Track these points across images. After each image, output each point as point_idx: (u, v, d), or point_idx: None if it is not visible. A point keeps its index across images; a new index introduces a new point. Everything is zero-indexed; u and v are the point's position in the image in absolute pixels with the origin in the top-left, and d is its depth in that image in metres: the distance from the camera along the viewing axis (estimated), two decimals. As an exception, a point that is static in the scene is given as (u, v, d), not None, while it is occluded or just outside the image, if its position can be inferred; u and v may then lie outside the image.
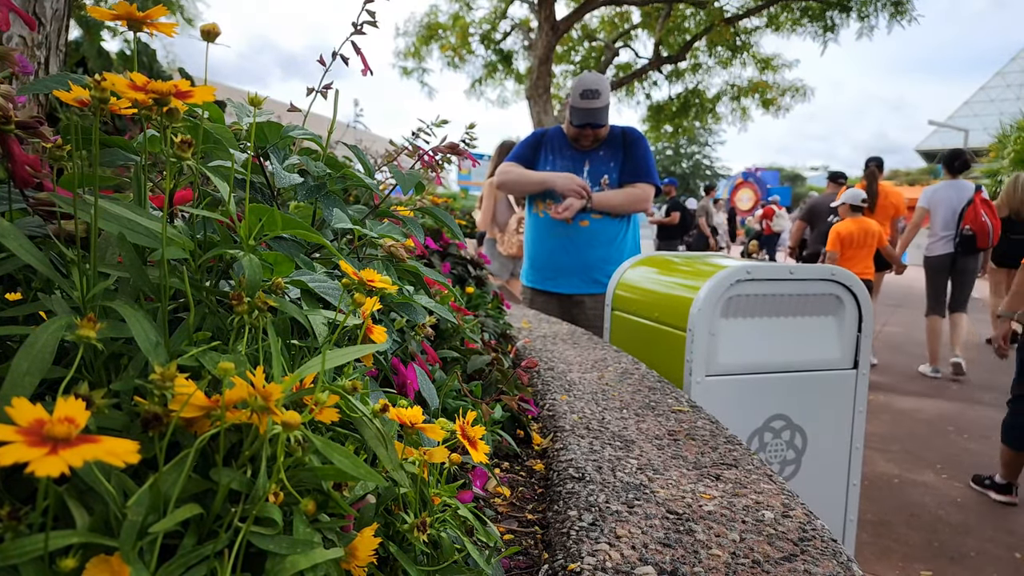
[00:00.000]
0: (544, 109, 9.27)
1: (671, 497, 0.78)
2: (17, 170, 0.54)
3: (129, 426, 0.40)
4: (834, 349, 1.86)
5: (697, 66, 11.58)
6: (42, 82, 0.57)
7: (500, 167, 2.76)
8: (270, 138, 0.72)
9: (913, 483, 3.20)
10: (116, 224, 0.46)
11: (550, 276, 2.73)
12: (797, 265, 1.83)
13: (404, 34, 11.19)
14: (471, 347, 1.21)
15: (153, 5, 0.49)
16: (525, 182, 2.66)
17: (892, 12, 8.87)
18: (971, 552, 2.54)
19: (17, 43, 1.12)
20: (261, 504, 0.38)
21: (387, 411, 0.51)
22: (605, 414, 1.12)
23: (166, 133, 0.47)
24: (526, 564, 0.69)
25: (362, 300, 0.51)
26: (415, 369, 0.76)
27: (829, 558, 0.66)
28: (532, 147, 2.76)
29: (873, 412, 4.18)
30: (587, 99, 2.56)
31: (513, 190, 2.77)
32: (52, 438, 0.29)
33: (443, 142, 0.91)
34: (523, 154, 2.75)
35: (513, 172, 2.69)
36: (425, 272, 0.85)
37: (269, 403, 0.38)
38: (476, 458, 0.55)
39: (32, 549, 0.31)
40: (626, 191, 2.59)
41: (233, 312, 0.46)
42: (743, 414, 1.76)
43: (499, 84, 11.61)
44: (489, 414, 0.98)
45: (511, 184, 2.71)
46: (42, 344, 0.39)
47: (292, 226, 0.55)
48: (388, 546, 0.48)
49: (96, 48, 2.36)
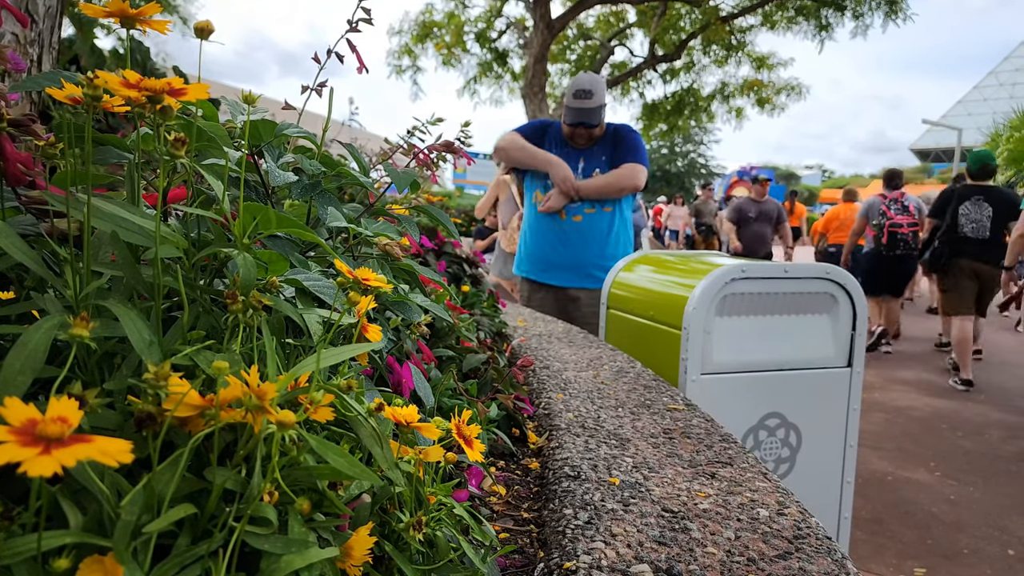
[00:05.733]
0: (539, 108, 9.27)
1: (666, 495, 0.78)
2: (10, 168, 0.54)
3: (123, 425, 0.40)
4: (828, 347, 1.86)
5: (692, 65, 11.60)
6: (35, 79, 0.57)
7: (505, 136, 2.77)
8: (265, 136, 0.72)
9: (907, 481, 3.21)
10: (109, 222, 0.46)
11: (544, 268, 2.74)
12: (792, 264, 1.83)
13: (399, 32, 11.17)
14: (467, 346, 1.21)
15: (146, 2, 0.49)
16: (524, 155, 2.68)
17: (887, 11, 8.91)
18: (964, 549, 2.55)
19: (10, 40, 1.12)
20: (256, 503, 0.37)
21: (382, 410, 0.51)
22: (600, 412, 1.12)
23: (160, 131, 0.47)
24: (522, 562, 0.69)
25: (357, 299, 0.51)
26: (410, 368, 0.76)
27: (824, 556, 0.66)
28: (539, 132, 2.78)
29: (867, 410, 4.20)
30: (580, 99, 2.57)
31: (511, 156, 2.76)
32: (45, 438, 0.28)
33: (438, 140, 0.91)
34: (529, 135, 2.77)
35: (517, 140, 2.70)
36: (420, 270, 0.84)
37: (264, 402, 0.38)
38: (472, 457, 0.55)
39: (25, 549, 0.31)
40: (612, 172, 2.60)
41: (227, 311, 0.46)
42: (738, 412, 1.76)
43: (495, 82, 11.60)
44: (485, 413, 0.98)
45: (511, 151, 2.72)
46: (35, 343, 0.38)
47: (287, 224, 0.55)
48: (384, 545, 0.48)
49: (89, 45, 2.35)
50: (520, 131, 2.78)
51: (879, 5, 8.94)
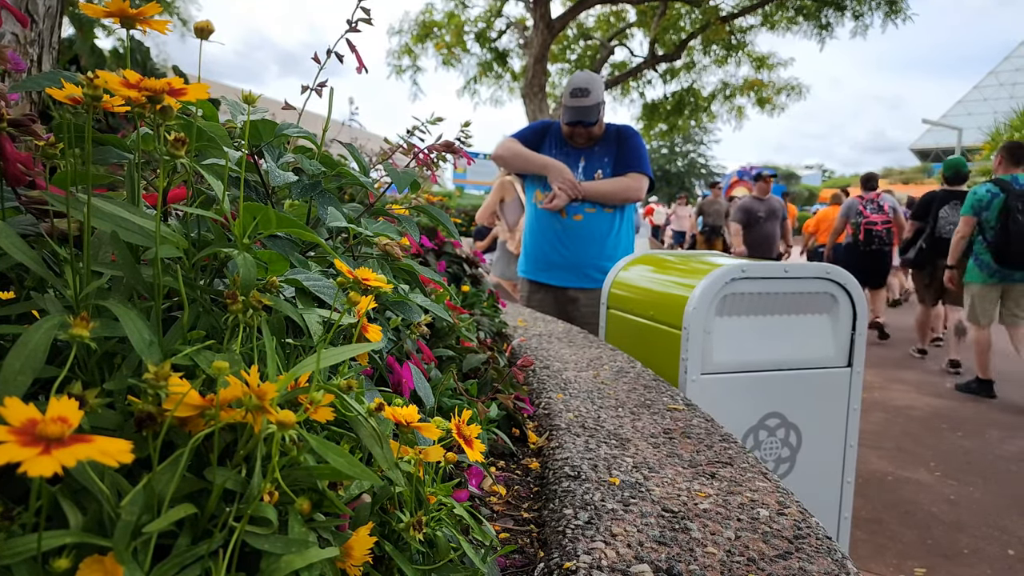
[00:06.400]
0: (539, 108, 9.27)
1: (666, 495, 0.78)
2: (10, 168, 0.54)
3: (123, 425, 0.40)
4: (829, 347, 1.86)
5: (692, 65, 11.60)
6: (35, 79, 0.57)
7: (502, 142, 2.77)
8: (265, 136, 0.72)
9: (907, 480, 3.21)
10: (109, 222, 0.46)
11: (544, 268, 2.74)
12: (792, 264, 1.83)
13: (399, 32, 11.18)
14: (467, 345, 1.21)
15: (146, 3, 0.49)
16: (522, 160, 2.67)
17: (887, 11, 8.91)
18: (964, 549, 2.55)
19: (10, 40, 1.12)
20: (256, 503, 0.37)
21: (382, 410, 0.51)
22: (600, 412, 1.12)
23: (160, 131, 0.47)
24: (522, 562, 0.69)
25: (357, 299, 0.51)
26: (410, 368, 0.76)
27: (824, 556, 0.66)
28: (538, 134, 2.78)
29: (867, 409, 4.20)
30: (576, 97, 2.57)
31: (508, 164, 2.76)
32: (45, 438, 0.28)
33: (438, 140, 0.91)
34: (528, 137, 2.76)
35: (514, 147, 2.70)
36: (420, 270, 0.84)
37: (264, 402, 0.38)
38: (472, 457, 0.55)
39: (25, 549, 0.31)
40: (617, 179, 2.60)
41: (227, 311, 0.46)
42: (738, 412, 1.76)
43: (495, 82, 11.60)
44: (485, 413, 0.98)
45: (509, 158, 2.71)
46: (35, 343, 0.38)
47: (287, 224, 0.55)
48: (384, 545, 0.48)
49: (89, 45, 2.35)
50: (519, 135, 2.78)
51: (879, 5, 8.95)
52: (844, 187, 9.11)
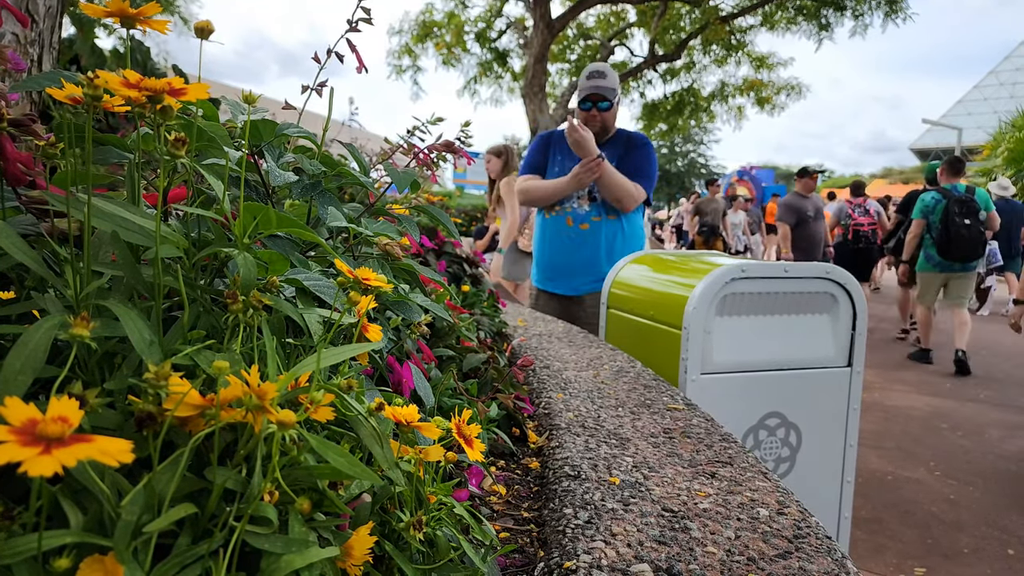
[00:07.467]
0: (539, 108, 9.27)
1: (666, 495, 0.78)
2: (10, 168, 0.54)
3: (123, 425, 0.40)
4: (829, 347, 1.86)
5: (692, 65, 11.60)
6: (35, 79, 0.57)
7: (519, 184, 2.76)
8: (265, 136, 0.72)
9: (907, 480, 3.21)
10: (110, 222, 0.46)
11: (551, 276, 2.74)
12: (792, 263, 1.83)
13: (399, 32, 11.18)
14: (467, 345, 1.21)
15: (146, 2, 0.49)
16: (547, 192, 2.66)
17: (887, 11, 8.91)
18: (964, 549, 2.55)
19: (10, 40, 1.12)
20: (256, 503, 0.37)
21: (383, 409, 0.51)
22: (600, 412, 1.12)
23: (160, 131, 0.47)
24: (522, 562, 0.69)
25: (357, 298, 0.51)
26: (411, 367, 0.76)
27: (824, 555, 0.66)
28: (541, 151, 2.76)
29: (866, 409, 4.20)
30: (593, 79, 2.57)
31: (535, 202, 2.76)
32: (45, 437, 0.28)
33: (438, 140, 0.91)
34: (534, 161, 2.75)
35: (537, 187, 2.68)
36: (421, 270, 0.84)
37: (264, 402, 0.38)
38: (472, 456, 0.55)
39: (25, 549, 0.31)
40: (628, 181, 2.57)
41: (228, 311, 0.46)
42: (738, 412, 1.76)
43: (495, 82, 11.60)
44: (485, 412, 0.98)
45: (538, 200, 2.71)
46: (35, 343, 0.38)
47: (287, 224, 0.55)
48: (384, 545, 0.48)
49: (89, 45, 2.35)
50: (527, 165, 2.76)
51: (879, 5, 8.95)
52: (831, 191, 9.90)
